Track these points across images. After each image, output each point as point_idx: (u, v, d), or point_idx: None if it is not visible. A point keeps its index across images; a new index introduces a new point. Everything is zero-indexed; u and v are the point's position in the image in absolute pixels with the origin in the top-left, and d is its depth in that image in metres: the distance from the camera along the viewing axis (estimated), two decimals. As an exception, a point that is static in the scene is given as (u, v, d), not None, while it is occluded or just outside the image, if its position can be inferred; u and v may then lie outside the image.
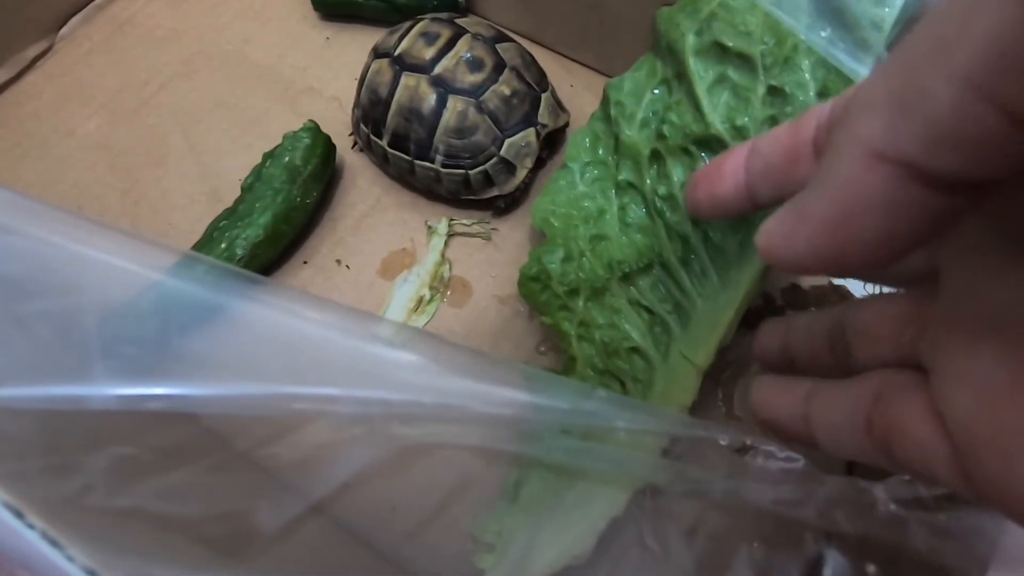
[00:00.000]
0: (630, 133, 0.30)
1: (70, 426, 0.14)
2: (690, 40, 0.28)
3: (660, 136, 0.29)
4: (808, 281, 0.37)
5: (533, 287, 0.31)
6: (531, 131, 0.35)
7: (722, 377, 0.34)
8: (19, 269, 0.15)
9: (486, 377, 0.20)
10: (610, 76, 0.44)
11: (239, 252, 0.33)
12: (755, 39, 0.27)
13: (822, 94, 0.27)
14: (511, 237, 0.38)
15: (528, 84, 0.35)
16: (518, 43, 0.37)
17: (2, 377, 0.13)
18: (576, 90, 0.43)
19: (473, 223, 0.38)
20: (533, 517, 0.28)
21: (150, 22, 0.46)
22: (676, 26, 0.28)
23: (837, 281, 0.37)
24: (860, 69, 0.25)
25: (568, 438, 0.21)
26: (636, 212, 0.30)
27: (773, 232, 0.14)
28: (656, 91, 0.30)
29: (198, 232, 0.36)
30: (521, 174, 0.35)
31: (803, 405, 0.17)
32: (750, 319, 0.36)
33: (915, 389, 0.15)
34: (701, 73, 0.28)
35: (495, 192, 0.36)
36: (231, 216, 0.34)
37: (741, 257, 0.29)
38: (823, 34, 0.26)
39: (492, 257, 0.38)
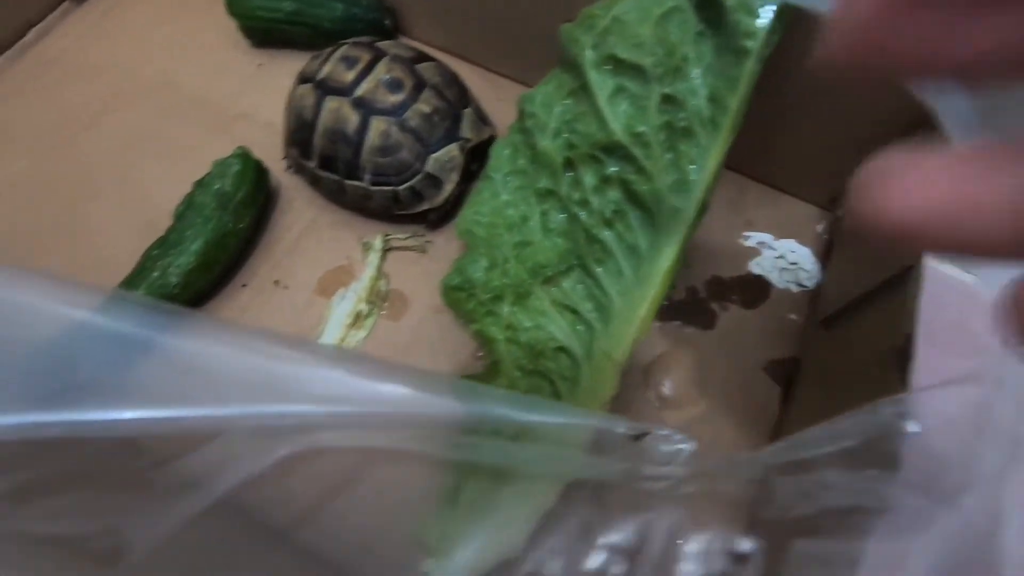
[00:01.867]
0: (544, 143, 0.32)
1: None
2: (588, 54, 0.30)
3: (570, 145, 0.31)
4: (728, 273, 0.39)
5: (457, 296, 0.32)
6: (454, 146, 0.36)
7: (651, 368, 0.36)
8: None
9: (404, 384, 0.21)
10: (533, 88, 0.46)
11: (173, 280, 0.33)
12: (646, 51, 0.29)
13: (712, 99, 0.29)
14: (446, 248, 0.39)
15: (448, 101, 0.36)
16: (439, 62, 0.38)
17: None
18: (504, 103, 0.45)
19: (408, 237, 0.39)
20: (471, 519, 0.29)
21: (77, 58, 0.46)
22: (576, 41, 0.30)
23: (756, 271, 0.39)
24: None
25: (496, 439, 0.22)
26: (556, 217, 0.32)
27: None
28: (565, 102, 0.31)
29: (134, 263, 0.36)
30: (448, 187, 0.36)
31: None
32: (668, 314, 0.38)
33: None
34: (600, 85, 0.30)
35: (426, 206, 0.37)
36: (163, 245, 0.34)
37: (652, 254, 0.30)
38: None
39: (428, 269, 0.39)
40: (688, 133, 0.29)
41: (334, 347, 0.30)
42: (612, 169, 0.30)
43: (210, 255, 0.34)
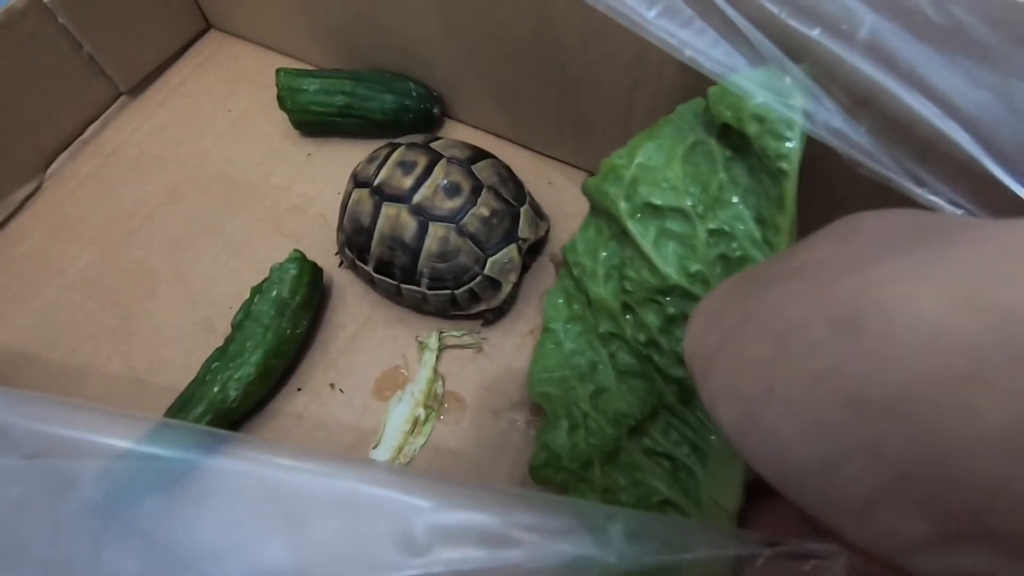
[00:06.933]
0: (597, 290, 0.30)
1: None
2: (622, 206, 0.29)
3: (624, 291, 0.30)
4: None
5: (546, 473, 0.30)
6: (513, 247, 0.35)
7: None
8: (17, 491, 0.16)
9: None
10: (586, 170, 0.45)
11: (232, 393, 0.33)
12: (681, 192, 0.28)
13: (759, 220, 0.27)
14: (501, 346, 0.38)
15: (506, 201, 0.36)
16: (495, 159, 0.38)
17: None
18: (555, 187, 0.44)
19: (463, 334, 0.38)
20: None
21: (135, 151, 0.47)
22: (605, 195, 0.29)
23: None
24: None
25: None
26: (625, 358, 0.30)
27: None
28: (609, 247, 0.30)
29: (191, 365, 0.36)
30: (506, 288, 0.36)
31: None
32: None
33: None
34: (642, 233, 0.28)
35: (482, 307, 0.36)
36: (222, 357, 0.34)
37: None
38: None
39: (484, 367, 0.38)
40: (744, 260, 0.27)
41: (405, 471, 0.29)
42: (673, 309, 0.29)
43: (269, 364, 0.34)
